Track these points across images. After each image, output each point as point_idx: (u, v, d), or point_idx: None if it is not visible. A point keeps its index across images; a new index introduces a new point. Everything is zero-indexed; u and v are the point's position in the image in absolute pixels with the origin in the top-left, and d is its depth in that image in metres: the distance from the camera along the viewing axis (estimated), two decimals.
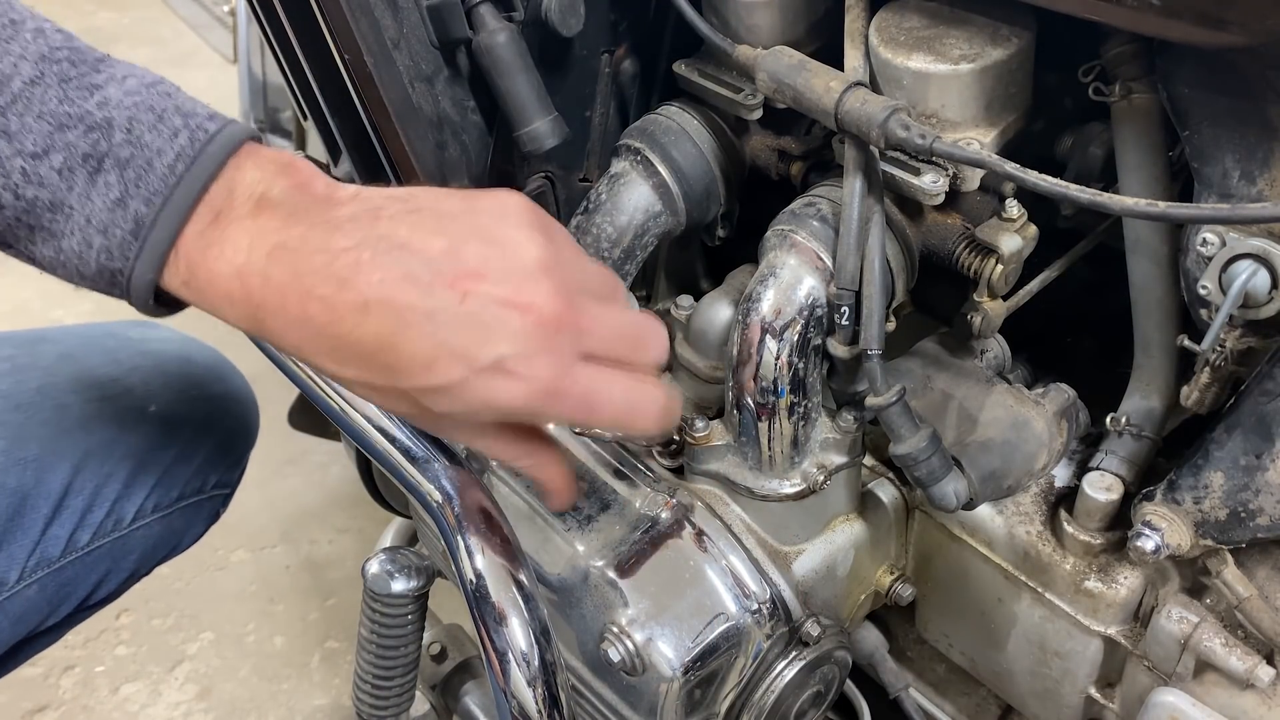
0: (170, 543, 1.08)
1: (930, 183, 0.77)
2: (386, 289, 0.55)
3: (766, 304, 0.81)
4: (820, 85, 0.75)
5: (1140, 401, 0.87)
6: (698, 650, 0.82)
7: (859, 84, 0.75)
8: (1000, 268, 0.79)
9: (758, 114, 0.89)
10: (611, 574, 0.84)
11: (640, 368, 0.63)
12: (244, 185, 0.57)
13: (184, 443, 1.05)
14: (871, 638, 1.04)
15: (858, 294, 0.78)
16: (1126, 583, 0.85)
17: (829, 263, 0.80)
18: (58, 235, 0.57)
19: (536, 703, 0.72)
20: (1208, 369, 0.77)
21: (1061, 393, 0.87)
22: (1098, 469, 0.87)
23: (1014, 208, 0.80)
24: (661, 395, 0.63)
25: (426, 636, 1.05)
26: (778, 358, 0.81)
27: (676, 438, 0.87)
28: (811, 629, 0.86)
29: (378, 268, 0.55)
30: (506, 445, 0.65)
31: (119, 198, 0.56)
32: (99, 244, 0.57)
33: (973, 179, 0.78)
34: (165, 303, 0.60)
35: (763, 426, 0.83)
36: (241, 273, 0.56)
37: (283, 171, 0.58)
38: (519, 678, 0.72)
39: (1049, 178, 0.66)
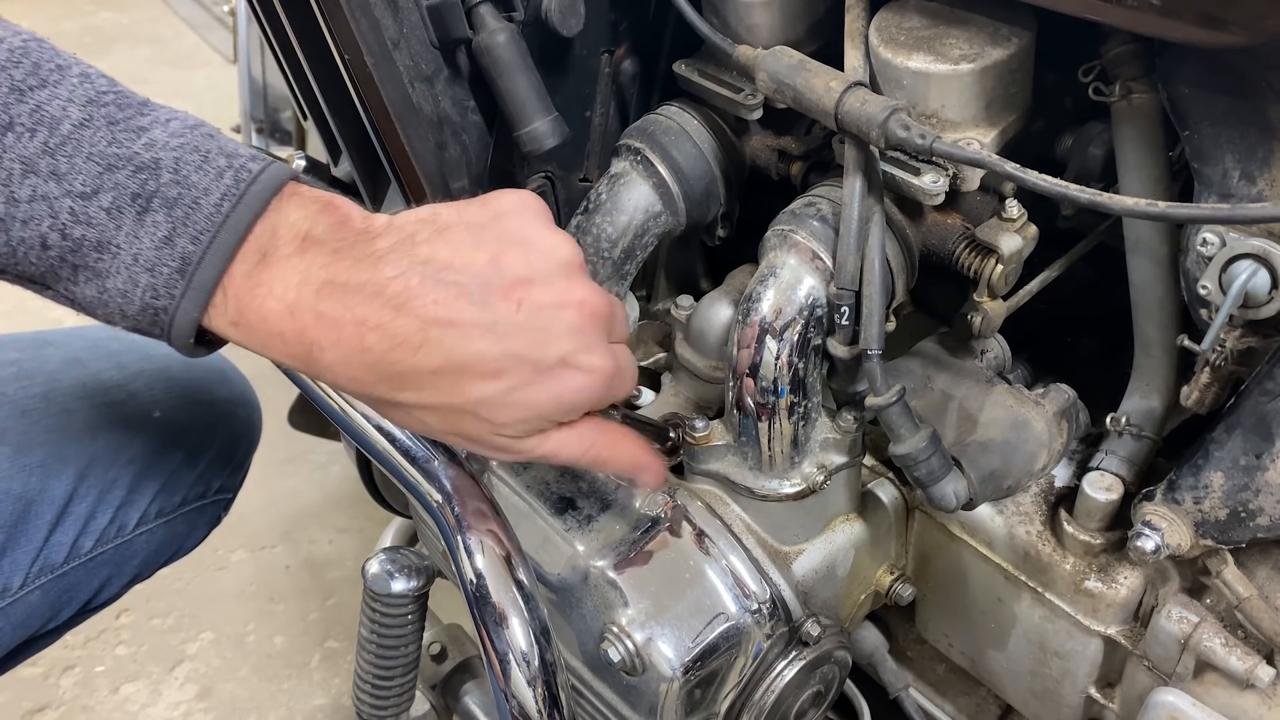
0: (172, 547, 1.08)
1: (930, 183, 0.77)
2: (443, 309, 0.57)
3: (766, 304, 0.81)
4: (820, 85, 0.75)
5: (1140, 401, 0.87)
6: (698, 650, 0.82)
7: (859, 84, 0.75)
8: (1000, 268, 0.79)
9: (758, 114, 0.89)
10: (611, 574, 0.84)
11: (624, 339, 0.68)
12: (288, 224, 0.58)
13: (188, 448, 1.05)
14: (871, 638, 1.04)
15: (858, 294, 0.78)
16: (1126, 583, 0.85)
17: (829, 263, 0.80)
18: (102, 274, 0.58)
19: (536, 703, 0.72)
20: (1208, 369, 0.77)
21: (1061, 393, 0.87)
22: (1098, 469, 0.87)
23: (1014, 208, 0.80)
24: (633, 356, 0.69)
25: (426, 636, 1.05)
26: (778, 358, 0.81)
27: (673, 435, 0.87)
28: (811, 629, 0.86)
29: (429, 290, 0.57)
30: (576, 443, 0.66)
31: (166, 236, 0.57)
32: (145, 282, 0.57)
33: (973, 179, 0.78)
34: (204, 342, 0.61)
35: (763, 426, 0.83)
36: (293, 310, 0.57)
37: (324, 210, 0.59)
38: (519, 678, 0.72)
39: (1049, 178, 0.66)
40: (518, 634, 0.72)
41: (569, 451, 0.66)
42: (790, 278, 0.81)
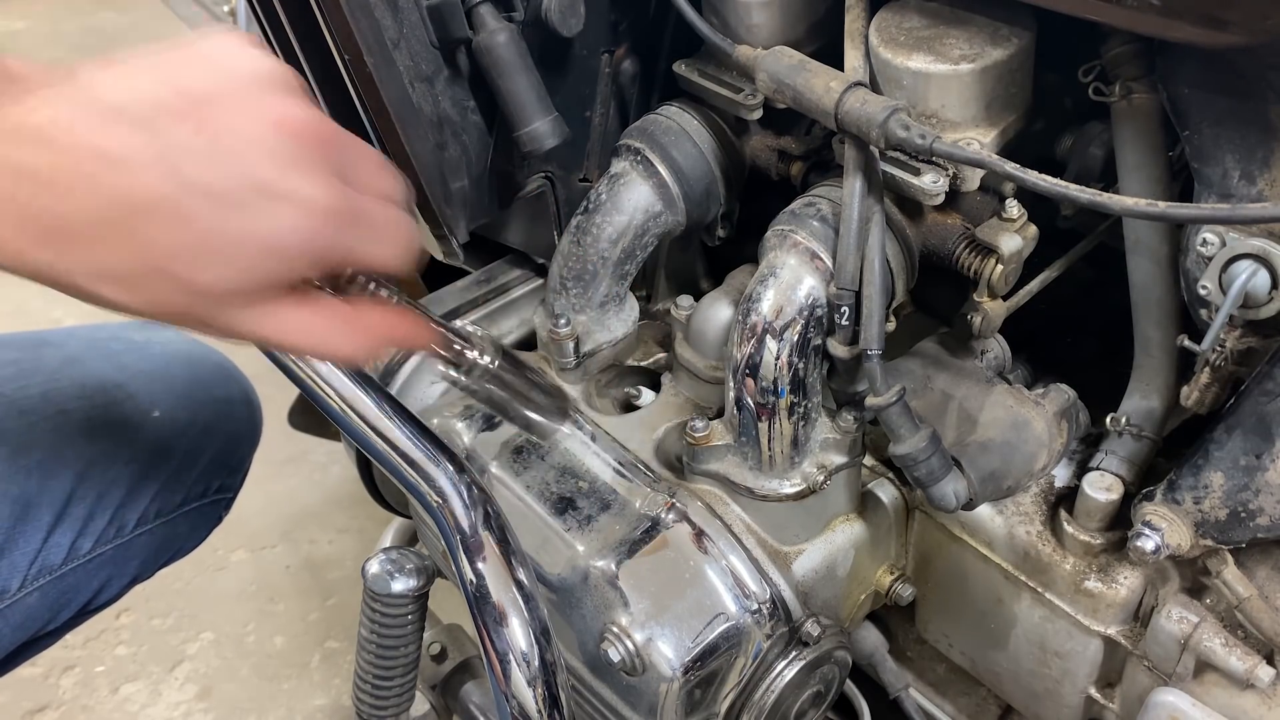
0: (173, 547, 1.08)
1: (930, 183, 0.77)
2: (98, 137, 0.47)
3: (766, 304, 0.81)
4: (820, 85, 0.75)
5: (1140, 401, 0.87)
6: (698, 650, 0.82)
7: (859, 84, 0.75)
8: (1000, 268, 0.79)
9: (758, 114, 0.89)
10: (612, 574, 0.84)
11: (389, 196, 0.56)
12: None
13: (187, 448, 1.04)
14: (871, 638, 1.04)
15: (858, 294, 0.78)
16: (1126, 583, 0.85)
17: (829, 263, 0.80)
18: None
19: (536, 703, 0.72)
20: (1208, 369, 0.77)
21: (1061, 393, 0.87)
22: (1098, 469, 0.87)
23: (1014, 208, 0.80)
24: (412, 222, 0.57)
25: (426, 636, 1.05)
26: (778, 358, 0.81)
27: (467, 354, 0.71)
28: (811, 629, 0.85)
29: (83, 118, 0.47)
30: (309, 323, 0.54)
31: None
32: None
33: (973, 179, 0.78)
34: None
35: (763, 426, 0.83)
36: None
37: None
38: (519, 678, 0.72)
39: (1049, 178, 0.66)
40: (518, 634, 0.72)
41: (302, 334, 0.54)
42: (790, 278, 0.81)
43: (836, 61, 0.80)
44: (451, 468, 0.77)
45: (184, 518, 1.06)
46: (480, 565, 0.73)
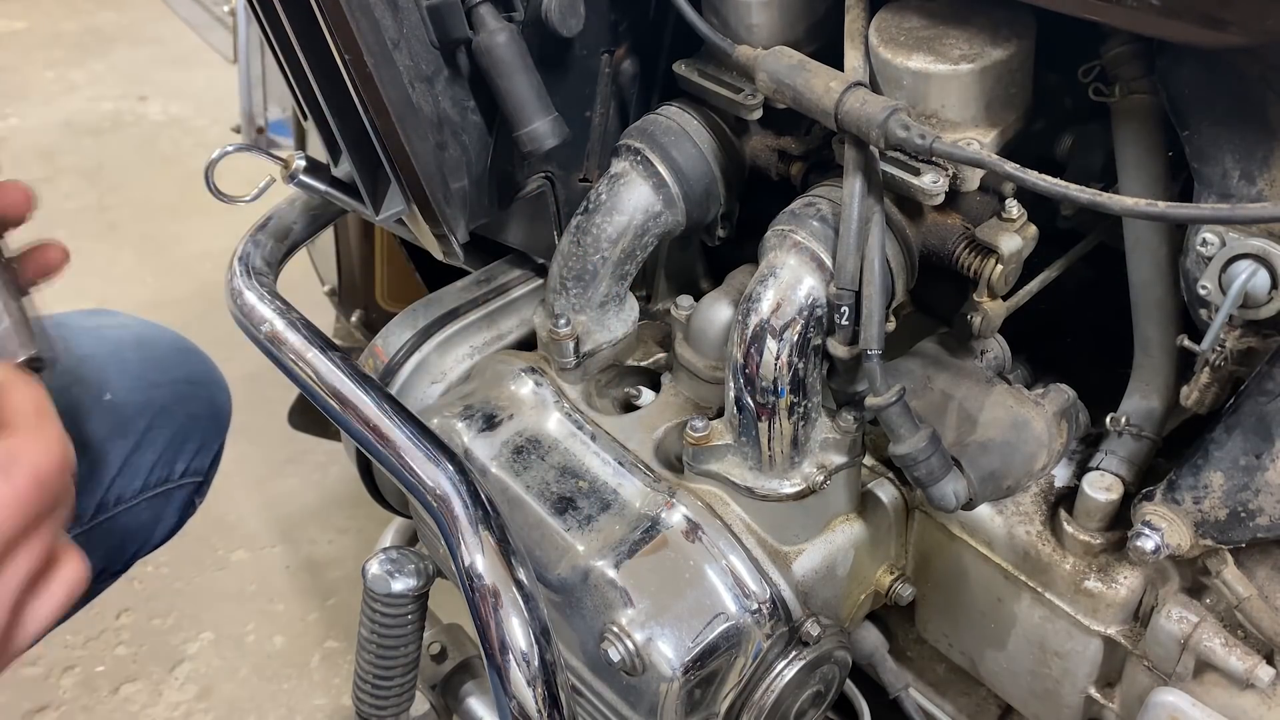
0: (140, 537, 1.04)
1: (930, 183, 0.77)
2: None
3: (766, 304, 0.81)
4: (820, 85, 0.75)
5: (1140, 401, 0.87)
6: (698, 650, 0.82)
7: (859, 84, 0.75)
8: (1000, 268, 0.79)
9: (758, 114, 0.89)
10: (611, 574, 0.84)
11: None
12: None
13: (143, 431, 1.01)
14: (871, 638, 1.04)
15: (858, 294, 0.78)
16: (1126, 583, 0.85)
17: (829, 263, 0.80)
18: None
19: (536, 703, 0.72)
20: (1208, 369, 0.77)
21: (1061, 393, 0.87)
22: (1098, 469, 0.87)
23: (1014, 208, 0.80)
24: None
25: (426, 636, 1.05)
26: (778, 358, 0.81)
27: None
28: (811, 629, 0.86)
29: None
30: None
31: None
32: None
33: (973, 179, 0.78)
34: None
35: (763, 426, 0.83)
36: None
37: None
38: (519, 678, 0.72)
39: (1049, 178, 0.66)
40: (518, 634, 0.72)
41: None
42: (790, 278, 0.81)
43: (836, 61, 0.80)
44: (451, 468, 0.77)
45: (148, 504, 1.03)
46: (480, 565, 0.73)
